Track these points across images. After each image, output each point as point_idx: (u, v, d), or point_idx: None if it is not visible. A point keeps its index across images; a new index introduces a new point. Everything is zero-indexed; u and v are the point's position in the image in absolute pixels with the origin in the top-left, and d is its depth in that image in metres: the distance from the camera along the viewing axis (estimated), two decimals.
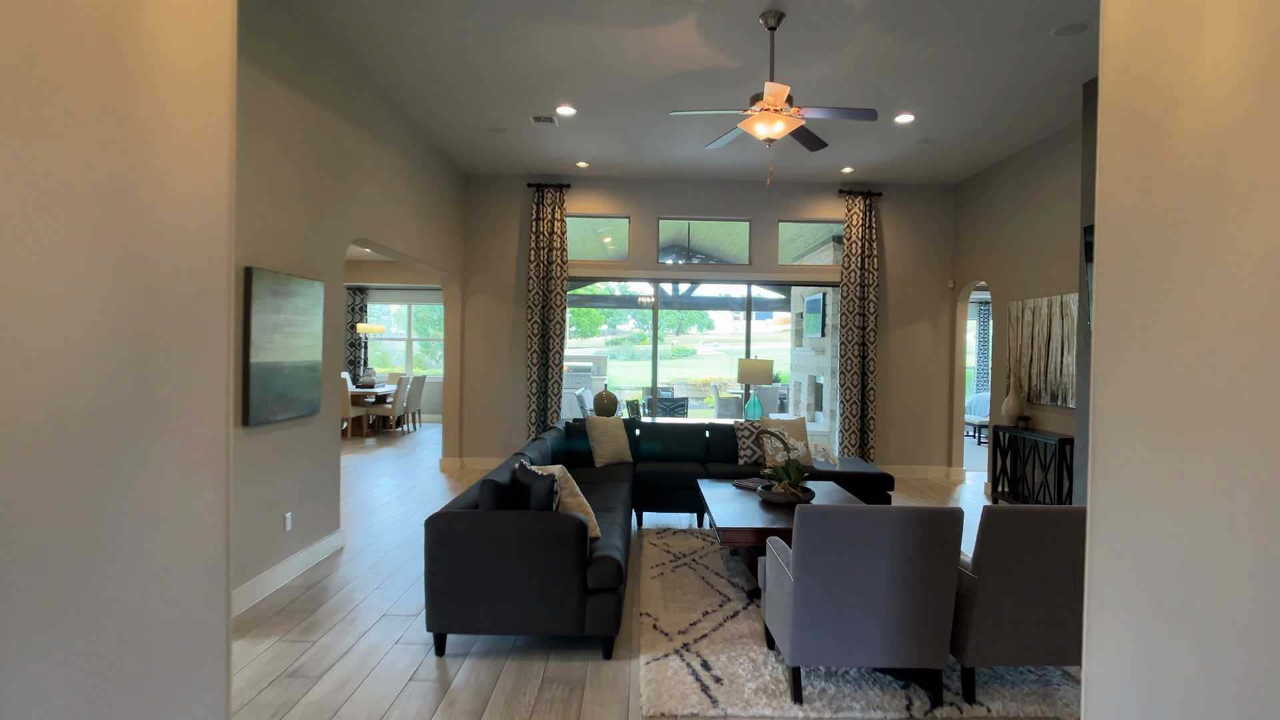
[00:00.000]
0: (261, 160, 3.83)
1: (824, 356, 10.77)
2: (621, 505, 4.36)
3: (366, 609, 3.76)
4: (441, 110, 5.85)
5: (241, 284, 3.67)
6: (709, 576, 4.34)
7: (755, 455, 5.84)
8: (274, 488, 4.03)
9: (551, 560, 3.10)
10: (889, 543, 2.62)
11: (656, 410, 8.71)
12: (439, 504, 6.29)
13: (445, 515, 3.14)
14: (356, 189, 5.03)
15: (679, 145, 6.71)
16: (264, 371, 3.81)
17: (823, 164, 7.33)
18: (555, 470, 3.44)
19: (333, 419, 4.75)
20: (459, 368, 8.04)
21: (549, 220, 7.88)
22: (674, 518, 5.94)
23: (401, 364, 14.19)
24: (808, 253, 11.03)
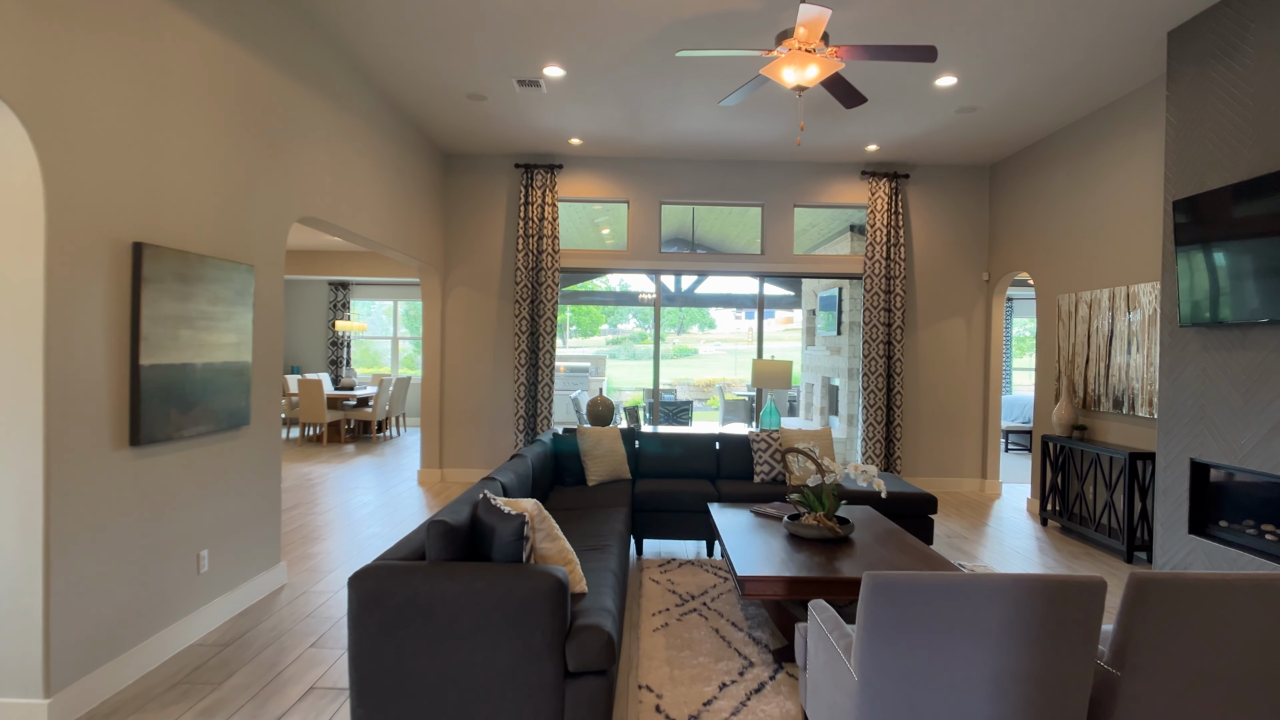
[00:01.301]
0: (161, 108, 3.02)
1: (840, 357, 9.96)
2: (616, 540, 3.55)
3: (292, 678, 2.96)
4: (410, 71, 5.04)
5: (129, 264, 2.86)
6: (724, 629, 3.54)
7: (774, 471, 5.03)
8: (181, 520, 3.22)
9: (518, 633, 2.30)
10: (997, 626, 1.81)
11: (658, 416, 7.90)
12: (412, 526, 5.48)
13: (376, 572, 2.33)
14: (302, 158, 4.22)
15: (685, 114, 5.90)
16: (163, 376, 3.00)
17: (844, 141, 6.52)
18: (528, 507, 2.63)
19: (269, 432, 3.94)
20: (439, 369, 7.23)
21: (539, 205, 7.07)
22: (679, 544, 5.13)
23: (391, 365, 13.38)
24: (822, 244, 10.23)
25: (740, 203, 7.33)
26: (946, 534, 5.51)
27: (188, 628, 3.25)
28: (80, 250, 2.62)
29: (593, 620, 2.42)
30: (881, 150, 6.81)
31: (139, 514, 2.95)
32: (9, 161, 2.46)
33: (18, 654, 2.53)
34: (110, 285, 2.77)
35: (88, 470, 2.68)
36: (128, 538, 2.89)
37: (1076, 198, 5.80)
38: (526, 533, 2.47)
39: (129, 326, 2.86)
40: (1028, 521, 5.97)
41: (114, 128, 2.76)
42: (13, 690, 2.53)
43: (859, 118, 5.86)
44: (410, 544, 2.61)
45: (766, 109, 5.68)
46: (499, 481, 3.39)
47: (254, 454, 3.79)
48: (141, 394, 2.87)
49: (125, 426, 2.85)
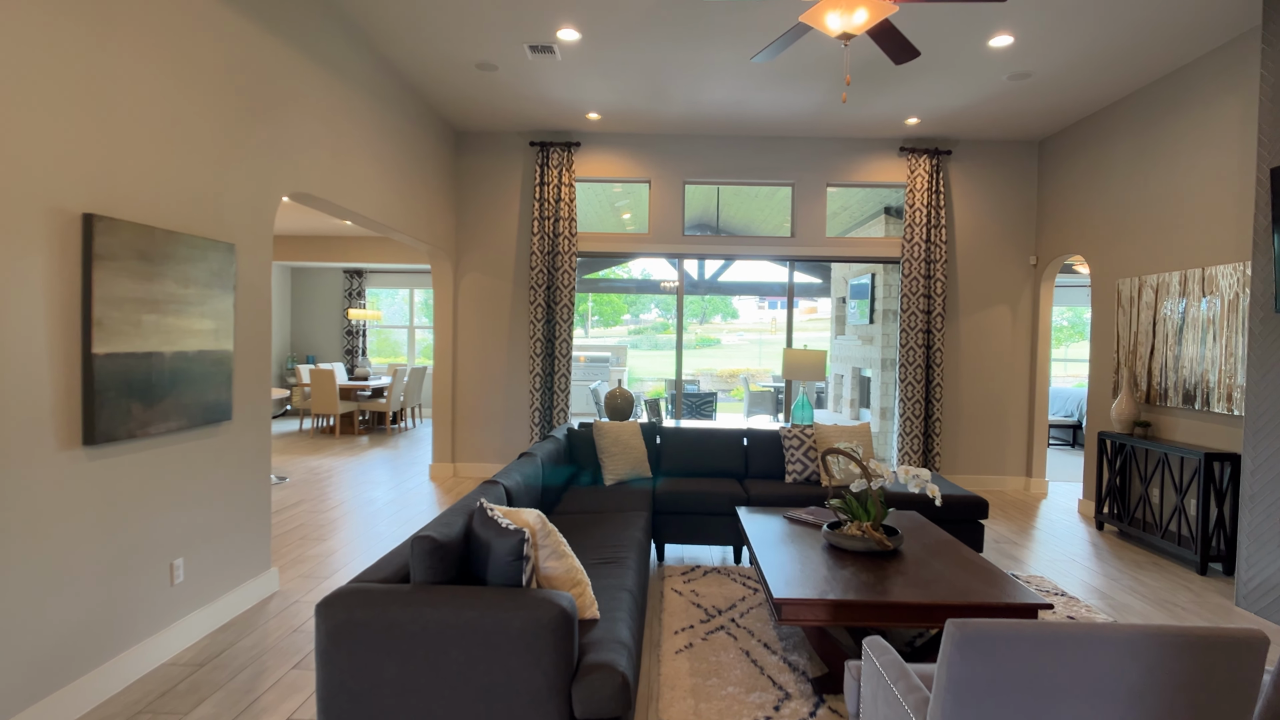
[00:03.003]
0: (116, 59, 2.67)
1: (872, 346, 9.48)
2: (634, 551, 3.16)
3: (266, 708, 2.62)
4: (414, 36, 4.66)
5: (78, 239, 2.52)
6: (756, 651, 3.14)
7: (808, 470, 4.62)
8: (149, 527, 2.89)
9: (516, 672, 1.92)
10: (1121, 691, 1.40)
11: (681, 408, 7.50)
12: (421, 525, 5.15)
13: (347, 597, 1.97)
14: (292, 128, 3.87)
15: (711, 83, 5.46)
16: (122, 366, 2.66)
17: (882, 114, 6.04)
18: (530, 520, 2.25)
19: (255, 427, 3.61)
20: (451, 359, 6.89)
21: (555, 185, 6.68)
22: (703, 550, 4.74)
23: (408, 354, 13.12)
24: (854, 228, 9.73)
25: (769, 181, 6.88)
26: (993, 538, 5.06)
27: (158, 646, 2.92)
28: (9, 221, 2.28)
29: (604, 657, 2.04)
30: (922, 124, 6.31)
31: (95, 521, 2.62)
32: None
33: None
34: (53, 263, 2.42)
35: (27, 474, 2.34)
36: (81, 548, 2.56)
37: (1141, 173, 5.28)
38: (527, 551, 2.10)
39: (79, 310, 2.52)
40: (1081, 525, 5.49)
41: (53, 81, 2.41)
42: None
43: (898, 88, 5.38)
44: (393, 562, 2.25)
45: (800, 74, 5.23)
46: (502, 486, 3.02)
47: (237, 451, 3.46)
48: (95, 386, 2.54)
49: (76, 423, 2.52)
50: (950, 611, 2.55)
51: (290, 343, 12.16)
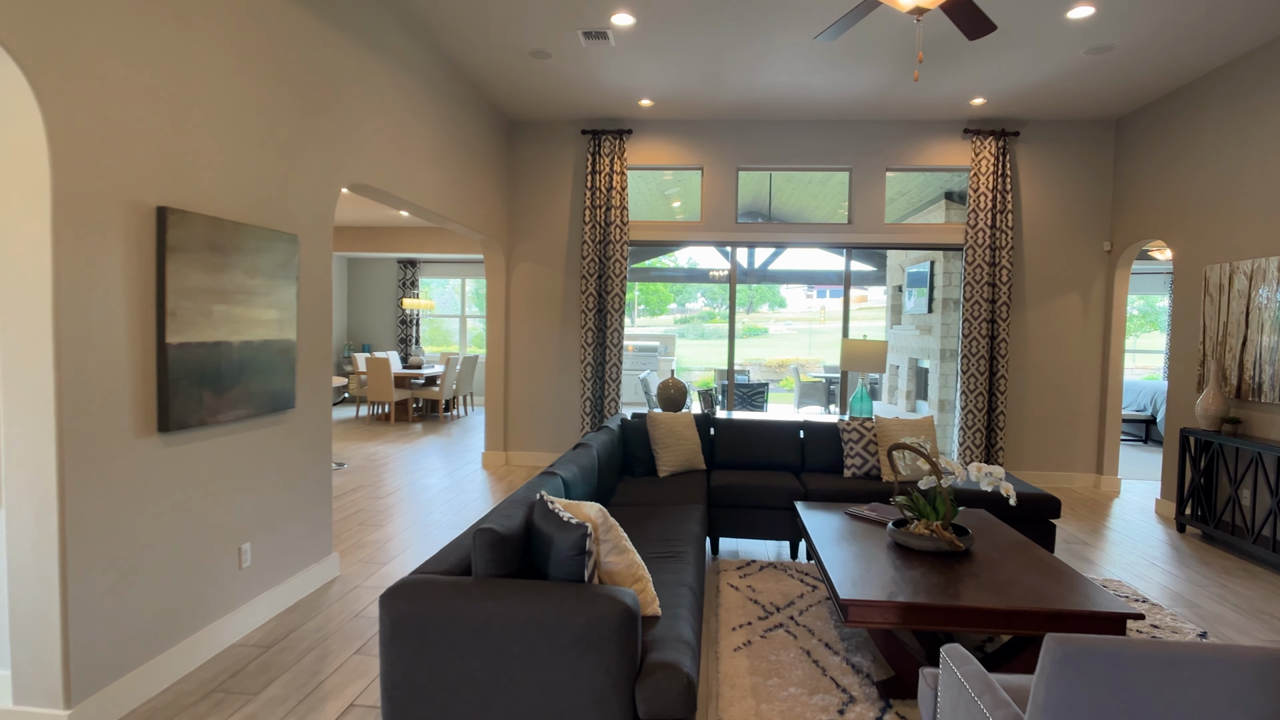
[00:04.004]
0: (190, 57, 2.71)
1: (930, 337, 9.20)
2: (692, 545, 3.11)
3: (331, 692, 2.66)
4: (470, 25, 4.65)
5: (153, 231, 2.57)
6: (817, 651, 3.06)
7: (867, 465, 4.49)
8: (219, 512, 2.96)
9: (579, 670, 1.89)
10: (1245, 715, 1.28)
11: (733, 399, 7.40)
12: (475, 513, 5.20)
13: (411, 589, 1.96)
14: (352, 120, 3.90)
15: (768, 67, 5.32)
16: (193, 356, 2.72)
17: (946, 95, 5.80)
18: (591, 514, 2.22)
19: (317, 415, 3.66)
20: (503, 348, 6.93)
21: (606, 174, 6.63)
22: (757, 544, 4.66)
23: (459, 343, 13.31)
24: (911, 214, 9.44)
25: (826, 167, 6.70)
26: (1063, 539, 4.84)
27: (228, 627, 3.00)
28: (93, 215, 2.33)
29: (668, 656, 1.99)
30: (989, 104, 6.05)
31: (170, 507, 2.69)
32: (9, 114, 2.17)
33: (37, 661, 2.30)
34: (130, 255, 2.48)
35: (108, 460, 2.41)
36: (158, 533, 2.64)
37: (1235, 150, 4.94)
38: (589, 546, 2.06)
39: (154, 301, 2.58)
40: (1159, 527, 5.22)
41: (133, 79, 2.45)
42: (34, 699, 2.31)
43: (965, 66, 5.15)
44: (454, 553, 2.24)
45: (862, 54, 5.05)
46: (560, 477, 3.00)
47: (301, 439, 3.52)
48: (169, 375, 2.60)
49: (152, 412, 2.58)
50: (1028, 618, 2.43)
51: (347, 331, 12.44)
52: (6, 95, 2.15)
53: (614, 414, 6.67)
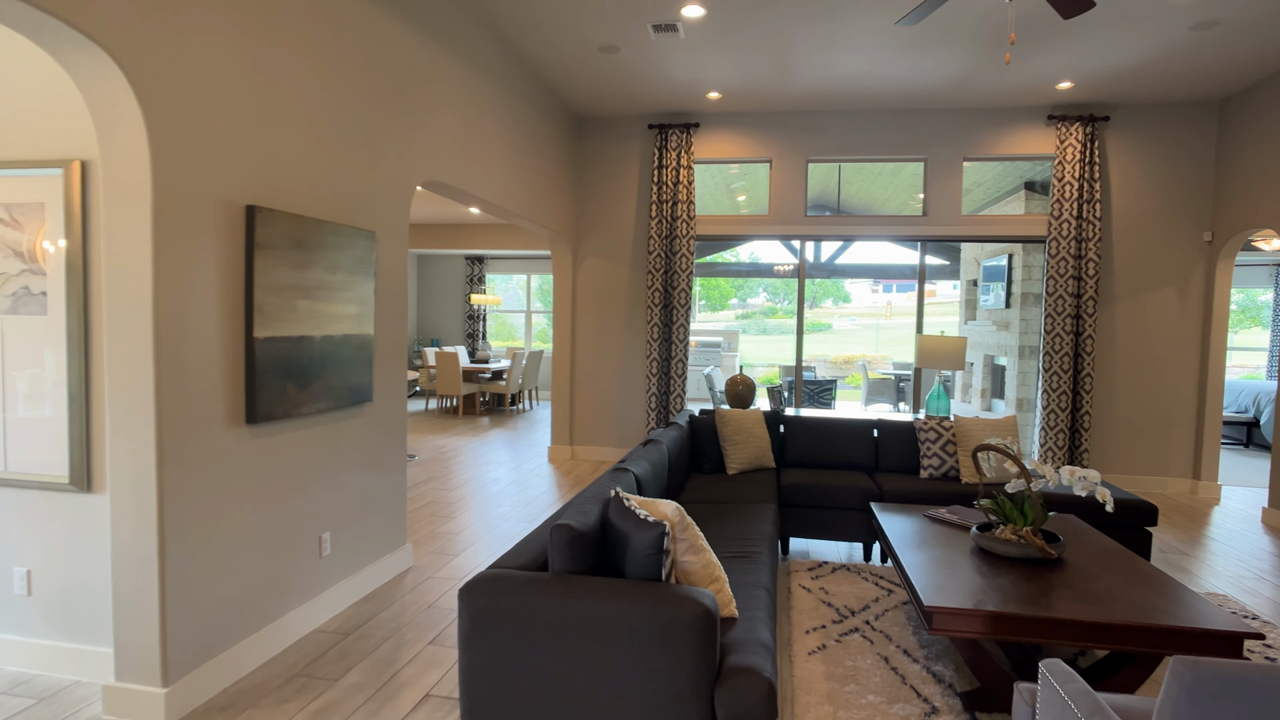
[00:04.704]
0: (275, 60, 2.79)
1: (1008, 333, 8.83)
2: (765, 545, 3.04)
3: (408, 680, 2.71)
4: (540, 22, 4.67)
5: (242, 229, 2.66)
6: (895, 658, 2.95)
7: (945, 465, 4.32)
8: (301, 502, 3.05)
9: (657, 671, 1.86)
10: None
11: (801, 396, 7.26)
12: (542, 507, 5.25)
13: (489, 583, 1.97)
14: (427, 117, 3.96)
15: (841, 56, 5.17)
16: (279, 349, 2.80)
17: (1029, 80, 5.52)
18: (668, 512, 2.18)
19: (393, 409, 3.75)
20: (569, 343, 6.97)
21: (673, 168, 6.58)
22: (827, 545, 4.55)
23: (524, 339, 13.50)
24: (988, 205, 9.07)
25: (900, 157, 6.48)
26: (1159, 548, 4.56)
27: (309, 613, 3.09)
28: (189, 213, 2.42)
29: (748, 660, 1.94)
30: (1076, 88, 5.73)
31: (257, 495, 2.79)
32: (114, 118, 2.27)
33: (138, 640, 2.41)
34: (222, 251, 2.57)
35: (201, 450, 2.51)
36: (245, 520, 2.73)
37: None
38: (667, 545, 2.02)
39: (242, 296, 2.67)
40: (1265, 538, 4.86)
41: (224, 80, 2.54)
42: (135, 677, 2.43)
43: (1052, 48, 4.89)
44: (530, 548, 2.24)
45: (942, 40, 4.85)
46: (632, 473, 2.98)
47: (377, 432, 3.61)
48: (257, 368, 2.68)
49: (240, 403, 2.67)
50: (1130, 634, 2.27)
51: (417, 326, 12.77)
52: (114, 101, 2.25)
53: (680, 410, 6.63)
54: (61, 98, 2.59)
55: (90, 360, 2.61)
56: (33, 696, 2.54)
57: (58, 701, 2.51)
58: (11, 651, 2.75)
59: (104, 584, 2.67)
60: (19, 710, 2.46)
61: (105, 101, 2.25)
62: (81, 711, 2.46)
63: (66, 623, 2.71)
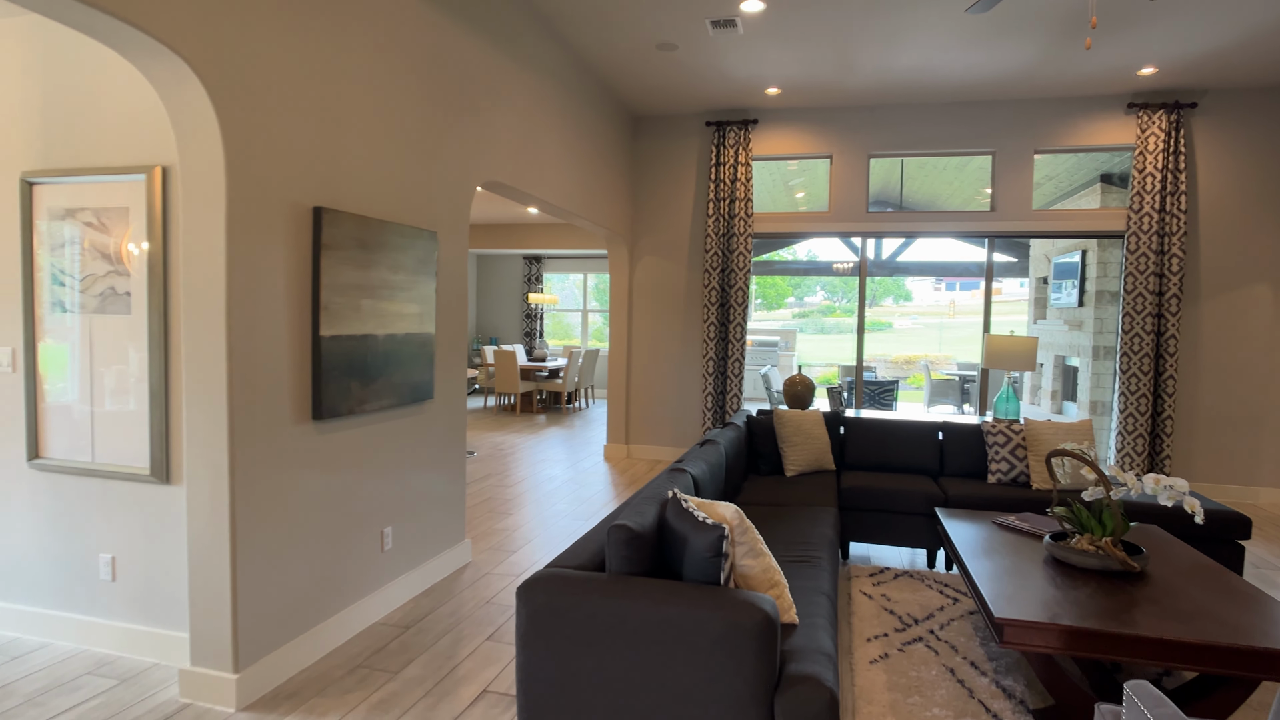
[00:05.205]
0: (340, 65, 2.86)
1: (1081, 332, 8.44)
2: (826, 550, 2.97)
3: (465, 676, 2.74)
4: (599, 21, 4.67)
5: (309, 230, 2.73)
6: (962, 670, 2.84)
7: (1014, 470, 4.14)
8: (364, 497, 3.12)
9: (716, 676, 1.83)
10: None
11: (861, 396, 7.09)
12: (597, 505, 5.26)
13: (547, 583, 1.97)
14: (486, 119, 4.01)
15: (905, 48, 5.02)
16: (343, 348, 2.87)
17: (1107, 66, 5.25)
18: (727, 515, 2.14)
19: (453, 406, 3.80)
20: (626, 342, 6.97)
21: (730, 165, 6.51)
22: (889, 550, 4.42)
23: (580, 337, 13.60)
24: (1061, 199, 8.69)
25: (966, 151, 6.26)
26: (1252, 563, 4.28)
27: (371, 606, 3.17)
28: (260, 215, 2.50)
29: (809, 669, 1.89)
30: (1160, 73, 5.42)
31: (322, 490, 2.86)
32: (192, 125, 2.36)
33: (212, 626, 2.50)
34: (290, 252, 2.64)
35: (270, 445, 2.59)
36: (311, 514, 2.81)
37: None
38: (725, 548, 1.99)
39: (309, 295, 2.74)
40: None
41: (292, 86, 2.61)
42: (208, 662, 2.52)
43: (1135, 31, 4.63)
44: (587, 548, 2.24)
45: (1013, 29, 4.65)
46: (689, 474, 2.94)
47: (438, 429, 3.67)
48: (322, 366, 2.75)
49: (306, 400, 2.75)
50: (1225, 656, 2.12)
51: (476, 325, 13.00)
52: (192, 108, 2.34)
53: (736, 410, 6.56)
54: (145, 107, 2.71)
55: (170, 358, 2.73)
56: (115, 677, 2.67)
57: (138, 683, 2.63)
58: (98, 634, 2.89)
59: (182, 572, 2.79)
60: (103, 690, 2.58)
61: (184, 109, 2.34)
62: (160, 693, 2.57)
63: (147, 608, 2.84)
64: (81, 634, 2.92)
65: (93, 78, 2.78)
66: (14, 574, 3.02)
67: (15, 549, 3.01)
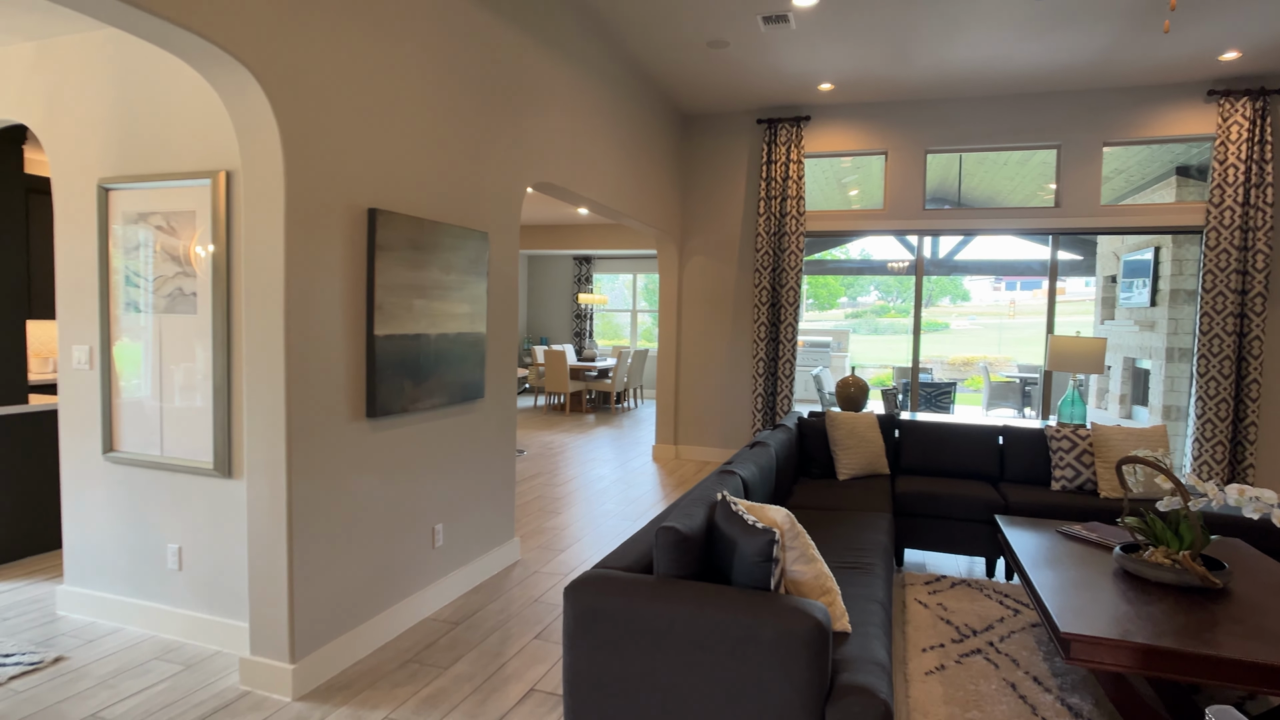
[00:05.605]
0: (394, 68, 2.91)
1: (1153, 333, 8.05)
2: (880, 557, 2.88)
3: (512, 674, 2.75)
4: (649, 20, 4.65)
5: (364, 231, 2.78)
6: (1024, 685, 2.72)
7: (1080, 478, 3.96)
8: (416, 494, 3.17)
9: (765, 684, 1.78)
10: None
11: (917, 399, 6.90)
12: (645, 506, 5.25)
13: (594, 583, 1.95)
14: (537, 120, 4.03)
15: (965, 39, 4.86)
16: (396, 347, 2.92)
17: (1185, 52, 4.98)
18: (778, 519, 2.09)
19: (503, 405, 3.84)
20: (674, 343, 6.94)
21: (782, 163, 6.41)
22: (945, 558, 4.29)
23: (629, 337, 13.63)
24: (1131, 194, 8.31)
25: (1030, 145, 6.03)
26: None
27: (422, 602, 3.21)
28: (317, 217, 2.56)
29: (862, 680, 1.83)
30: (1244, 58, 5.12)
31: (375, 487, 2.92)
32: (253, 130, 2.43)
33: (270, 617, 2.57)
34: (346, 253, 2.70)
35: (326, 441, 2.65)
36: (365, 510, 2.86)
37: None
38: (776, 553, 1.94)
39: (364, 295, 2.79)
40: None
41: (348, 90, 2.67)
42: (266, 651, 2.59)
43: (1218, 14, 4.38)
44: (635, 549, 2.22)
45: (1080, 15, 4.45)
46: (739, 476, 2.90)
47: (488, 428, 3.70)
48: (376, 365, 2.81)
49: (361, 398, 2.80)
50: None
51: (526, 325, 13.15)
52: (254, 114, 2.41)
53: (787, 411, 6.46)
54: (211, 114, 2.81)
55: (232, 356, 2.81)
56: (180, 663, 2.77)
57: (201, 669, 2.73)
58: (165, 620, 3.01)
59: (243, 563, 2.88)
60: (168, 675, 2.68)
61: (246, 114, 2.41)
62: (221, 680, 2.65)
63: (210, 597, 2.94)
64: (151, 620, 3.04)
65: (163, 89, 2.89)
66: (91, 561, 3.17)
67: (92, 537, 3.16)
